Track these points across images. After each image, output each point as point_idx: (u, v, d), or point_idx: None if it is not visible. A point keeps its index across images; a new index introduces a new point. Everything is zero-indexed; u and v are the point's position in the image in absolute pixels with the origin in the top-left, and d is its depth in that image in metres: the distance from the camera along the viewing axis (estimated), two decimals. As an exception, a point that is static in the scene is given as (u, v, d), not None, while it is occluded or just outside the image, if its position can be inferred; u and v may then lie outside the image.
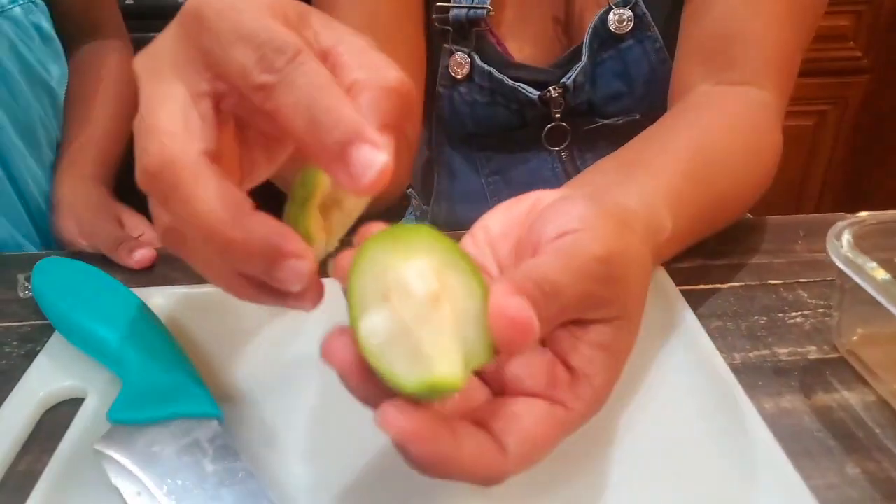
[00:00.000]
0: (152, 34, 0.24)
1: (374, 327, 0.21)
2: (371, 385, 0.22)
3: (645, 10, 0.52)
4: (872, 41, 1.38)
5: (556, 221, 0.26)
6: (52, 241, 0.62)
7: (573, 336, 0.25)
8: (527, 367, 0.25)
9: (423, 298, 0.21)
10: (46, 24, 0.63)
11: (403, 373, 0.21)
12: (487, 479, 0.23)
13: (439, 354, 0.21)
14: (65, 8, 0.63)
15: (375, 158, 0.20)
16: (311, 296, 0.24)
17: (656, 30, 0.52)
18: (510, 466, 0.23)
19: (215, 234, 0.21)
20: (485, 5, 0.53)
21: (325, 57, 0.23)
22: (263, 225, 0.21)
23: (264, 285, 0.23)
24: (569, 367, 0.25)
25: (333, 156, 0.21)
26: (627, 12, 0.52)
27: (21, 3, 0.59)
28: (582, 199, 0.27)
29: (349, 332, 0.22)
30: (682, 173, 0.38)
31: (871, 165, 1.49)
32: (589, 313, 0.25)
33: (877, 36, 1.38)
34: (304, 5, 0.24)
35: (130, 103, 0.68)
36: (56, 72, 0.65)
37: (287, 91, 0.21)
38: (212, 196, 0.21)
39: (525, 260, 0.26)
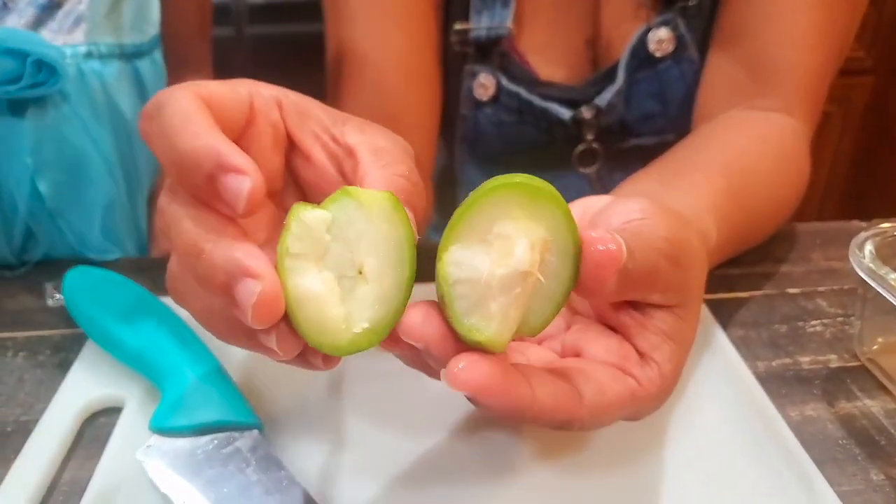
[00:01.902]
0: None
1: (462, 260, 0.22)
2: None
3: (684, 31, 0.51)
4: (876, 41, 1.39)
5: (620, 214, 0.26)
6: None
7: (639, 323, 0.26)
8: (599, 345, 0.26)
9: (519, 269, 0.22)
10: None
11: (462, 312, 0.22)
12: (563, 423, 0.23)
13: (501, 319, 0.22)
14: (165, 42, 0.64)
15: (242, 184, 0.22)
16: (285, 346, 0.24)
17: (695, 51, 0.52)
18: (584, 413, 0.23)
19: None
20: (505, 24, 0.52)
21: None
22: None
23: (253, 336, 0.23)
24: (639, 352, 0.26)
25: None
26: (666, 33, 0.51)
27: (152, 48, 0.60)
28: (639, 197, 0.28)
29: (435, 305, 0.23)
30: (720, 189, 0.38)
31: (876, 165, 1.50)
32: (654, 295, 0.25)
33: (880, 36, 1.38)
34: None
35: None
36: None
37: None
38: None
39: None
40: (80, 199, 0.55)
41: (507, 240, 0.22)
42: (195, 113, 0.23)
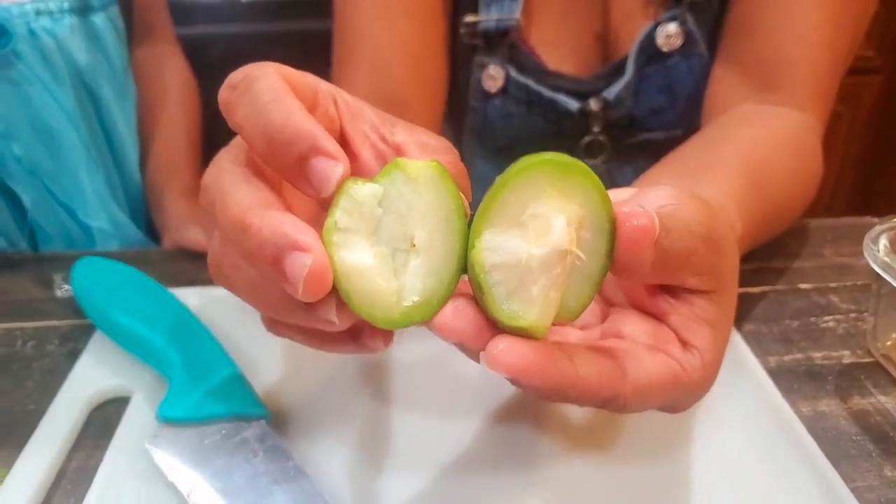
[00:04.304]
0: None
1: (497, 245, 0.21)
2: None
3: (693, 26, 0.51)
4: (885, 40, 1.38)
5: (652, 200, 0.25)
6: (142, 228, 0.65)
7: (677, 310, 0.25)
8: (640, 328, 0.26)
9: (558, 247, 0.21)
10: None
11: (501, 298, 0.21)
12: (606, 400, 0.23)
13: (542, 302, 0.21)
14: (123, 10, 0.65)
15: (334, 170, 0.22)
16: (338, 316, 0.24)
17: (704, 46, 0.52)
18: (628, 390, 0.23)
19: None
20: (514, 16, 0.52)
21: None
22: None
23: (308, 309, 0.23)
24: (681, 340, 0.25)
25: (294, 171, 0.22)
26: (675, 28, 0.51)
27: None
28: (666, 186, 0.27)
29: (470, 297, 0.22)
30: (740, 183, 0.38)
31: (884, 165, 1.49)
32: (691, 278, 0.25)
33: (890, 35, 1.37)
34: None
35: (195, 109, 0.70)
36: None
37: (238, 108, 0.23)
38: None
39: None
40: (56, 157, 0.55)
41: (543, 219, 0.21)
42: (287, 91, 0.23)
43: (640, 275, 0.23)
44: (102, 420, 0.35)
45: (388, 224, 0.22)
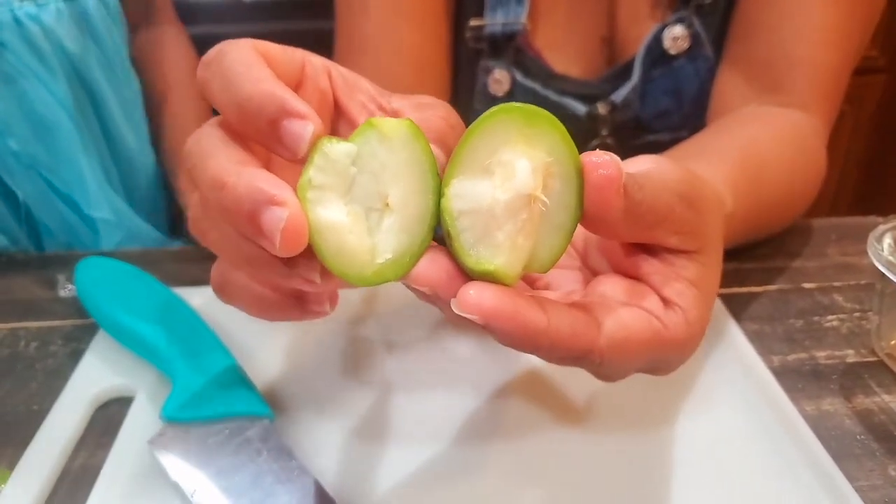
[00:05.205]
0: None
1: (465, 191, 0.22)
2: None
3: (699, 28, 0.51)
4: (889, 39, 1.38)
5: (630, 167, 0.25)
6: (155, 221, 0.65)
7: (659, 271, 0.25)
8: (620, 287, 0.25)
9: (522, 191, 0.21)
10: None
11: (469, 244, 0.22)
12: (581, 353, 0.23)
13: (509, 248, 0.22)
14: None
15: (305, 129, 0.22)
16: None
17: (710, 48, 0.52)
18: (604, 345, 0.23)
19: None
20: (520, 20, 0.52)
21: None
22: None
23: (290, 268, 0.23)
24: (663, 298, 0.25)
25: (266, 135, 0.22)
26: (682, 31, 0.51)
27: None
28: (648, 156, 0.27)
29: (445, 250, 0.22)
30: (735, 169, 0.38)
31: (888, 165, 1.49)
32: (671, 237, 0.25)
33: (893, 35, 1.37)
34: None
35: (200, 95, 0.70)
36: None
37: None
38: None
39: None
40: (53, 149, 0.54)
41: (509, 165, 0.21)
42: (257, 61, 0.23)
43: (612, 227, 0.23)
44: (106, 420, 0.35)
45: (362, 183, 0.22)
